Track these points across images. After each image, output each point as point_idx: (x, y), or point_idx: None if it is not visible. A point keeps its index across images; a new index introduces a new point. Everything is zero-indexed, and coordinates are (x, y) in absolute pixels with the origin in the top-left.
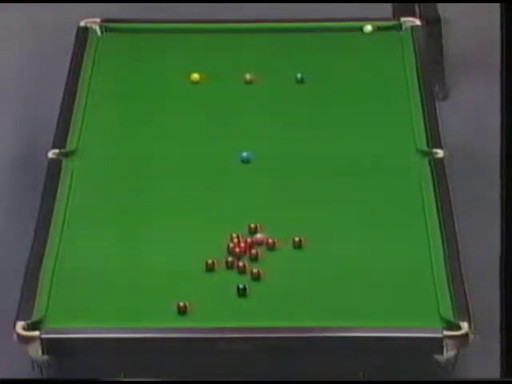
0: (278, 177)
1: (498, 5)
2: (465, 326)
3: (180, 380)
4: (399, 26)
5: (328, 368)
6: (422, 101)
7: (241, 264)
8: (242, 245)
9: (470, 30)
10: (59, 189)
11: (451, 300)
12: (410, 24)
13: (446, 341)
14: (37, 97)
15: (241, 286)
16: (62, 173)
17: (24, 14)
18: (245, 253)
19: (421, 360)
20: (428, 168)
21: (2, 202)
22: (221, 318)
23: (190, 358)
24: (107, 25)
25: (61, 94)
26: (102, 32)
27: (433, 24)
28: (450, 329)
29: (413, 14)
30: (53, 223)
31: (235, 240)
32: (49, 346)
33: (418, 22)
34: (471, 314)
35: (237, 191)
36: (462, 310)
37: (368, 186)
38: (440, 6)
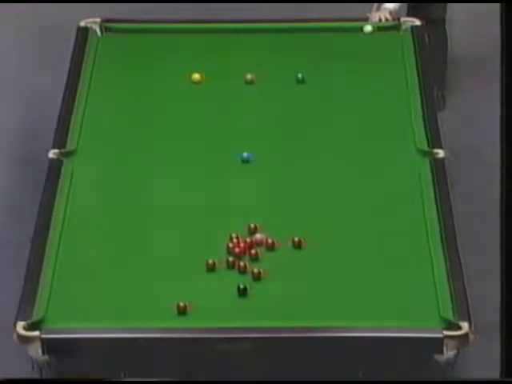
0: (278, 177)
1: (497, 5)
2: (465, 325)
3: (180, 380)
4: (399, 26)
5: (328, 368)
6: (422, 101)
7: (241, 264)
8: (242, 245)
9: (470, 30)
10: (59, 189)
11: (451, 300)
12: (409, 24)
13: (446, 341)
14: (37, 97)
15: (241, 286)
16: (62, 173)
17: (24, 14)
18: (244, 253)
19: (421, 360)
20: (428, 168)
21: (2, 202)
22: (221, 318)
23: (190, 357)
24: (107, 25)
25: (61, 94)
26: (102, 32)
27: (439, 25)
28: (450, 329)
29: (426, 15)
30: (53, 223)
31: (235, 240)
32: (49, 346)
33: (417, 22)
34: (471, 314)
35: (237, 191)
36: (462, 310)
37: (368, 186)
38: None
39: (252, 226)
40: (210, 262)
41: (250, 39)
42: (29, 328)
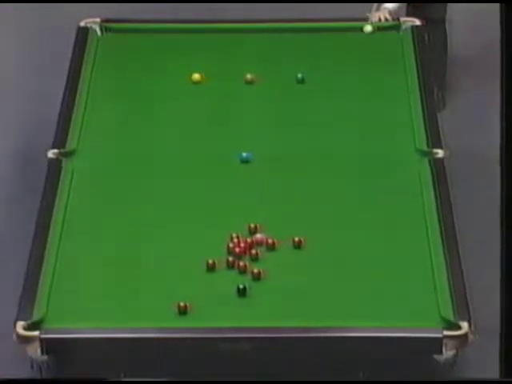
0: (278, 177)
1: (497, 5)
2: (465, 325)
3: (180, 380)
4: (399, 26)
5: (328, 368)
6: (421, 101)
7: (241, 264)
8: (242, 245)
9: (470, 30)
10: (59, 189)
11: (451, 300)
12: (409, 24)
13: (445, 341)
14: (37, 97)
15: (241, 286)
16: (62, 173)
17: (24, 14)
18: (245, 253)
19: (421, 360)
20: (428, 168)
21: (2, 202)
22: (221, 318)
23: (190, 357)
24: (107, 25)
25: (61, 93)
26: (102, 32)
27: (438, 25)
28: (449, 329)
29: (426, 15)
30: (53, 223)
31: (235, 240)
32: (49, 346)
33: (417, 22)
34: (471, 314)
35: (237, 191)
36: (462, 310)
37: (368, 185)
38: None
39: (252, 225)
40: (210, 261)
41: (250, 39)
42: (29, 328)
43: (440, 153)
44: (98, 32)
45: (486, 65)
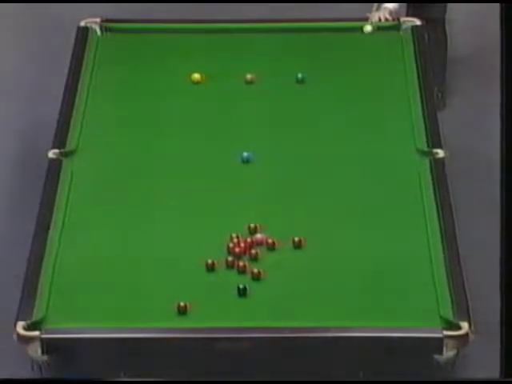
0: (278, 177)
1: (497, 5)
2: (465, 325)
3: (180, 380)
4: (399, 26)
5: (328, 368)
6: (421, 101)
7: (241, 264)
8: (242, 245)
9: (470, 30)
10: (59, 189)
11: (451, 300)
12: (410, 24)
13: (445, 341)
14: (37, 97)
15: (241, 286)
16: (62, 173)
17: (24, 14)
18: (245, 253)
19: (421, 360)
20: (428, 168)
21: (2, 202)
22: (221, 318)
23: (190, 357)
24: (107, 25)
25: (61, 94)
26: (102, 32)
27: (438, 25)
28: (450, 329)
29: (426, 15)
30: (53, 223)
31: (235, 240)
32: (49, 345)
33: (417, 22)
34: (471, 314)
35: (237, 191)
36: (462, 309)
37: (368, 186)
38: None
39: (252, 225)
40: (210, 261)
41: (250, 39)
42: (29, 328)
43: (440, 153)
44: (98, 32)
45: (485, 65)
